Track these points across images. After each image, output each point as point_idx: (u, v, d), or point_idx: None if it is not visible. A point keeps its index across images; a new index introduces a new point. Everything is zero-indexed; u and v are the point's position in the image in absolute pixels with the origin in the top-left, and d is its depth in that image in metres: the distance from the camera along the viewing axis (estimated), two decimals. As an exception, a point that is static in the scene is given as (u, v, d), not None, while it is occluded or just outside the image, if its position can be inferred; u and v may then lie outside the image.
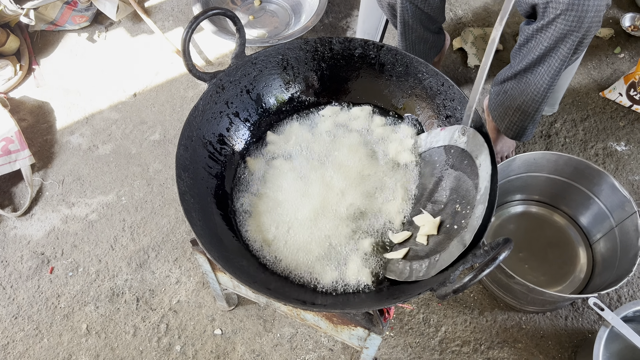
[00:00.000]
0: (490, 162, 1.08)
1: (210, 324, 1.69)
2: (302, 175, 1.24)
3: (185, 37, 1.10)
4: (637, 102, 2.12)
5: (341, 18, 2.49)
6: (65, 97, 2.23)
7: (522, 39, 1.58)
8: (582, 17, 1.41)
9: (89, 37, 2.42)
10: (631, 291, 1.76)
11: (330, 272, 1.12)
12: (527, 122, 1.72)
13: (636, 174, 1.99)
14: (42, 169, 2.02)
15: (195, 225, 1.02)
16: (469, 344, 1.66)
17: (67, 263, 1.80)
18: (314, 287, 1.11)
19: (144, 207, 1.93)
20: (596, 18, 1.42)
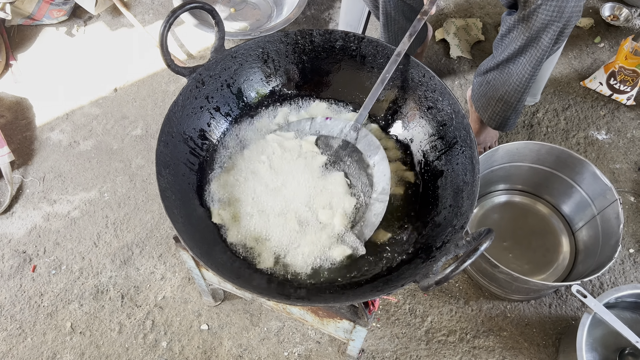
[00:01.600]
0: (387, 166, 1.18)
1: (197, 320, 1.68)
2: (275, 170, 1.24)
3: (162, 32, 1.08)
4: (617, 91, 2.14)
5: (323, 10, 2.48)
6: (45, 92, 2.19)
7: (504, 29, 1.59)
8: (562, 7, 1.42)
9: (68, 32, 2.38)
10: (613, 278, 1.78)
11: (313, 265, 1.12)
12: (510, 112, 1.73)
13: (617, 162, 2.01)
14: (22, 166, 1.99)
15: (177, 222, 1.01)
16: (455, 334, 1.67)
17: (50, 261, 1.78)
18: (298, 281, 1.11)
19: (127, 203, 1.91)
20: (577, 8, 1.43)
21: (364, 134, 1.23)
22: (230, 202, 1.20)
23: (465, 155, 1.13)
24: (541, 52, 1.53)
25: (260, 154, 1.25)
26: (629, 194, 1.94)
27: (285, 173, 1.22)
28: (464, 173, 1.12)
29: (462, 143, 1.15)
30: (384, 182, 1.18)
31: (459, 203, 1.10)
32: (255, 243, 1.15)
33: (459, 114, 1.15)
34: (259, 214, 1.18)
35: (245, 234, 1.16)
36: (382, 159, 1.20)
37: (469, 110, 2.02)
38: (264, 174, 1.22)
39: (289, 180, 1.21)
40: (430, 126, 1.24)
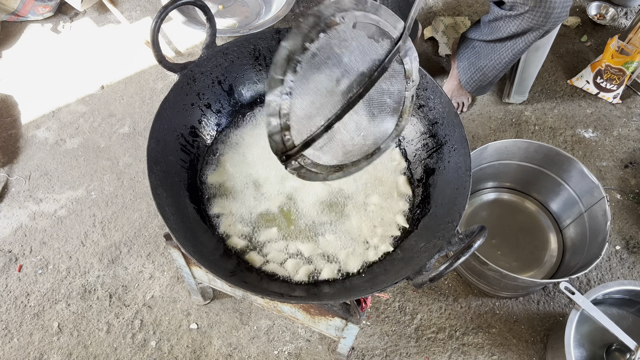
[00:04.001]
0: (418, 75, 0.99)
1: (186, 319, 1.67)
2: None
3: (154, 28, 1.07)
4: (603, 90, 2.16)
5: (312, 7, 2.47)
6: (30, 90, 2.16)
7: (491, 16, 1.68)
8: (548, 14, 1.46)
9: (53, 28, 2.34)
10: (600, 274, 1.80)
11: (305, 264, 1.12)
12: (486, 82, 1.89)
13: (603, 160, 2.04)
14: (7, 165, 1.96)
15: (168, 219, 1.00)
16: (444, 331, 1.68)
17: (36, 260, 1.76)
18: (290, 279, 1.11)
19: (115, 201, 1.89)
20: (563, 13, 1.47)
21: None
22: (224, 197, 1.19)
23: (457, 153, 1.13)
24: (524, 45, 1.66)
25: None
26: (615, 192, 1.97)
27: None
28: (456, 171, 1.12)
29: (454, 141, 1.15)
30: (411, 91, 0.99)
31: (451, 201, 1.10)
32: (248, 240, 1.15)
33: (451, 112, 1.15)
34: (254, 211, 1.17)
35: (239, 231, 1.16)
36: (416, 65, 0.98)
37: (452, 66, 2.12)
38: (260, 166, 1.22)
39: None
40: (421, 124, 1.25)
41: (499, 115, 2.14)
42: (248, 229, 1.16)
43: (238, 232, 1.15)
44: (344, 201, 1.20)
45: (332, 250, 1.14)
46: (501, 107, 2.16)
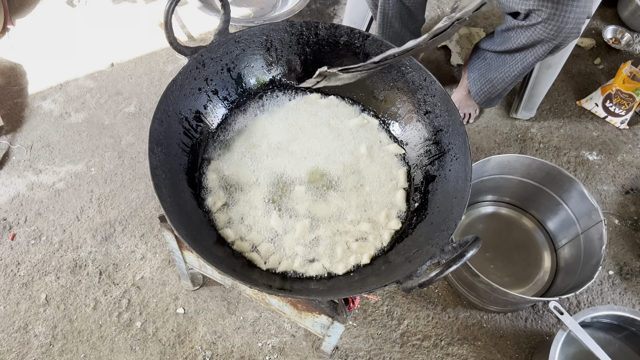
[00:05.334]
0: None
1: (173, 303, 1.67)
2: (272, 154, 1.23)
3: (168, 9, 1.07)
4: (612, 114, 2.15)
5: (329, 5, 2.47)
6: (40, 60, 2.16)
7: (504, 26, 1.67)
8: (560, 28, 1.46)
9: (69, 1, 2.34)
10: (590, 297, 1.80)
11: (298, 258, 1.12)
12: (495, 95, 1.89)
13: (605, 184, 2.03)
14: (10, 133, 1.96)
15: (164, 201, 1.00)
16: (430, 339, 1.68)
17: (30, 230, 1.76)
18: (282, 271, 1.11)
19: (114, 179, 1.89)
20: (575, 29, 1.47)
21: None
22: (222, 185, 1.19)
23: (459, 162, 1.13)
24: (534, 58, 1.65)
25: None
26: (614, 217, 1.96)
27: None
28: (456, 180, 1.12)
29: (457, 150, 1.15)
30: None
31: (448, 209, 1.10)
32: (244, 230, 1.14)
33: (457, 121, 1.15)
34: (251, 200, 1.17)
35: (235, 220, 1.15)
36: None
37: (462, 76, 2.12)
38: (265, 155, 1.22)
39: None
40: (426, 130, 1.24)
41: (504, 130, 2.13)
42: (243, 217, 1.16)
43: (232, 221, 1.15)
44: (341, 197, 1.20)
45: (325, 248, 1.13)
46: (508, 122, 2.16)
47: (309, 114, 1.30)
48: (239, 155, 1.23)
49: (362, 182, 1.22)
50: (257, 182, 1.20)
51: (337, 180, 1.21)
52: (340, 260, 1.12)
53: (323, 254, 1.13)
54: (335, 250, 1.13)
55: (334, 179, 1.21)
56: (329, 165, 1.23)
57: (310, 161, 1.23)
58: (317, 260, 1.12)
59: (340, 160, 1.24)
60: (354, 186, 1.21)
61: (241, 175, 1.20)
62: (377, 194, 1.21)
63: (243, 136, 1.26)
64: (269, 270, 1.11)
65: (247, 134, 1.26)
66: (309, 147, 1.25)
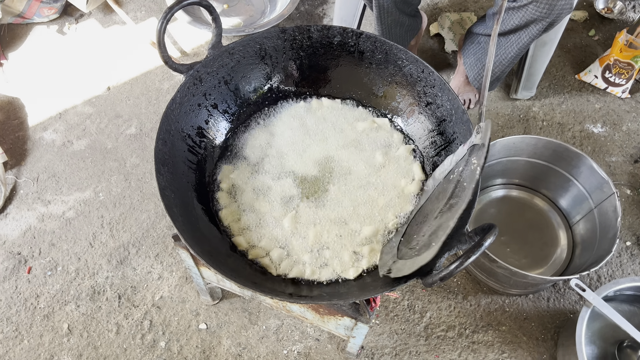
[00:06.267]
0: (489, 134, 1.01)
1: (195, 319, 1.67)
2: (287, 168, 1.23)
3: (160, 28, 1.07)
4: (612, 84, 2.14)
5: (317, 5, 2.46)
6: (37, 92, 2.17)
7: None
8: (553, 5, 1.45)
9: (59, 30, 2.35)
10: (610, 271, 1.79)
11: (313, 265, 1.12)
12: (492, 78, 1.88)
13: (613, 156, 2.02)
14: (15, 167, 1.96)
15: (176, 221, 1.00)
16: (454, 329, 1.67)
17: (45, 262, 1.76)
18: (300, 279, 1.10)
19: (123, 202, 1.89)
20: (567, 5, 1.46)
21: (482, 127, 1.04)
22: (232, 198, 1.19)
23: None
24: (529, 39, 1.63)
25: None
26: (625, 187, 1.95)
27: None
28: (465, 168, 1.11)
29: (462, 139, 1.14)
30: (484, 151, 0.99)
31: (460, 198, 1.09)
32: (257, 241, 1.14)
33: (459, 110, 1.14)
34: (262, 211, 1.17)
35: (248, 228, 1.15)
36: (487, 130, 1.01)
37: (458, 62, 2.11)
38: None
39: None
40: (429, 122, 1.24)
41: (506, 112, 2.12)
42: (255, 226, 1.16)
43: (245, 229, 1.15)
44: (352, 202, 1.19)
45: (337, 251, 1.13)
46: (509, 103, 2.15)
47: (314, 119, 1.30)
48: (246, 165, 1.23)
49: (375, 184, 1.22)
50: (267, 190, 1.20)
51: (349, 184, 1.21)
52: (358, 261, 1.12)
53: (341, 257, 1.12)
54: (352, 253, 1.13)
55: (346, 183, 1.21)
56: (341, 169, 1.23)
57: (320, 166, 1.23)
58: (327, 265, 1.12)
59: (353, 164, 1.24)
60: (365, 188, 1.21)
61: (250, 184, 1.20)
62: (388, 194, 1.21)
63: (248, 146, 1.26)
64: (288, 278, 1.11)
65: (251, 143, 1.26)
66: (317, 153, 1.25)
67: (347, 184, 1.21)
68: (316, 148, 1.25)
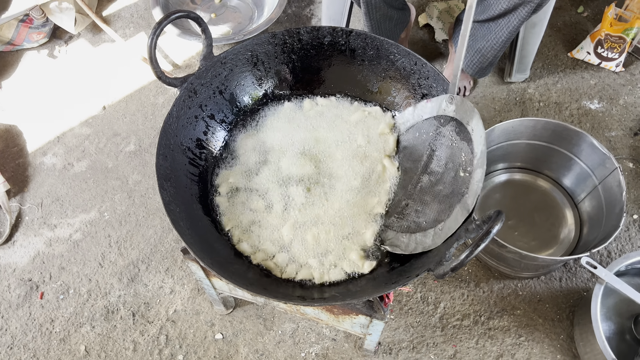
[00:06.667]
0: (482, 127, 1.07)
1: (210, 330, 1.67)
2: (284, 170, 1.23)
3: (150, 45, 1.07)
4: (605, 59, 2.14)
5: (304, 6, 2.46)
6: (33, 117, 2.17)
7: None
8: None
9: (50, 54, 2.36)
10: (620, 245, 1.79)
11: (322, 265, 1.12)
12: (485, 64, 1.87)
13: (612, 130, 2.02)
14: (18, 194, 1.97)
15: (184, 234, 1.00)
16: (469, 317, 1.67)
17: (57, 286, 1.77)
18: (312, 282, 1.11)
19: (128, 220, 1.89)
20: None
21: (459, 101, 1.13)
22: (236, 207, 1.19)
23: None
24: (518, 21, 1.63)
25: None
26: (627, 161, 1.95)
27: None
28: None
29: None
30: (482, 144, 1.06)
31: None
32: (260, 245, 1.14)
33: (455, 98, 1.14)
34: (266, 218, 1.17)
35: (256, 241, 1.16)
36: (478, 121, 1.09)
37: (449, 51, 2.12)
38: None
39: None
40: (426, 113, 1.24)
41: (502, 96, 2.12)
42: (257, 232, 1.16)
43: (247, 235, 1.15)
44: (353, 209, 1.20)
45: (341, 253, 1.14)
46: (504, 87, 2.15)
47: (311, 119, 1.30)
48: (243, 170, 1.23)
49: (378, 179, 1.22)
50: (265, 193, 1.20)
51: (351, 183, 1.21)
52: (361, 260, 1.12)
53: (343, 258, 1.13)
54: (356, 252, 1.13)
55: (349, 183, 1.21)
56: (342, 168, 1.23)
57: (319, 166, 1.23)
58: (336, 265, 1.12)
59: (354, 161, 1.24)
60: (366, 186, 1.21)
61: (247, 188, 1.21)
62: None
63: (247, 153, 1.26)
64: (297, 281, 1.11)
65: (251, 150, 1.26)
66: (316, 152, 1.25)
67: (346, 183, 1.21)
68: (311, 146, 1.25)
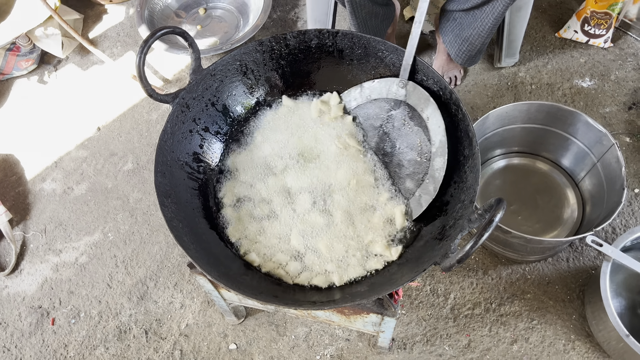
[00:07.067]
0: (440, 117, 1.13)
1: (224, 341, 1.68)
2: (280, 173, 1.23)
3: (139, 63, 1.07)
4: (593, 36, 2.14)
5: (289, 10, 2.47)
6: (29, 144, 2.17)
7: None
8: None
9: (40, 79, 2.36)
10: (624, 221, 1.79)
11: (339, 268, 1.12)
12: (474, 52, 1.87)
13: (606, 107, 2.02)
14: (21, 222, 1.97)
15: (189, 249, 1.01)
16: (480, 305, 1.68)
17: (67, 311, 1.77)
18: (317, 286, 1.11)
19: (132, 238, 1.90)
20: None
21: (411, 88, 1.18)
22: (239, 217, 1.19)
23: (460, 129, 1.12)
24: (503, 6, 1.63)
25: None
26: (623, 135, 1.95)
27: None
28: (462, 147, 1.12)
29: (454, 118, 1.14)
30: (440, 134, 1.13)
31: (463, 178, 1.09)
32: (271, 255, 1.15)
33: (446, 90, 1.14)
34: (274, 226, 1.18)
35: (262, 248, 1.16)
36: (434, 110, 1.14)
37: (437, 41, 2.12)
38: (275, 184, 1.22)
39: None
40: (419, 107, 1.24)
41: (493, 82, 2.13)
42: (265, 240, 1.16)
43: (255, 245, 1.16)
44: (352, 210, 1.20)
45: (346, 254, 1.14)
46: (494, 73, 2.15)
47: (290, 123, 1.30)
48: (244, 179, 1.23)
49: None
50: (269, 201, 1.20)
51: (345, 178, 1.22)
52: (367, 261, 1.13)
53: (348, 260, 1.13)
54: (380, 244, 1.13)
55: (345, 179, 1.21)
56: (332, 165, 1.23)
57: (314, 170, 1.23)
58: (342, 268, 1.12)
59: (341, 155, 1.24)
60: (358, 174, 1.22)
61: (251, 197, 1.21)
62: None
63: (246, 163, 1.26)
64: (306, 286, 1.11)
65: (249, 159, 1.27)
66: (307, 155, 1.25)
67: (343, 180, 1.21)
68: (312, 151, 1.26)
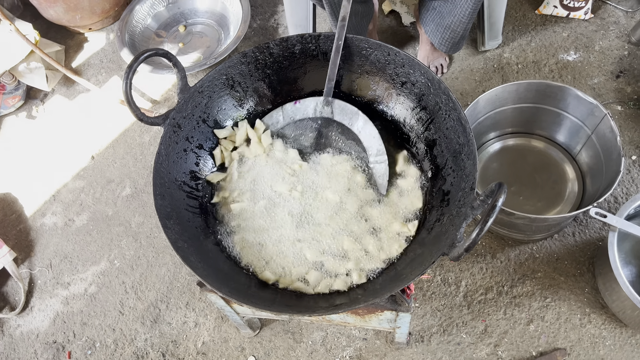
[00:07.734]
0: (372, 127, 1.20)
1: (242, 354, 1.67)
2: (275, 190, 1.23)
3: (125, 89, 1.07)
4: (572, 9, 2.15)
5: (268, 17, 2.47)
6: (25, 181, 2.17)
7: None
8: None
9: (28, 115, 2.36)
10: (625, 189, 1.79)
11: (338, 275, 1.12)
12: (457, 38, 1.88)
13: (594, 78, 2.02)
14: (26, 260, 1.97)
15: (196, 268, 1.00)
16: (492, 289, 1.68)
17: (83, 343, 1.77)
18: (329, 290, 1.11)
19: (139, 263, 1.89)
20: None
21: (337, 105, 1.25)
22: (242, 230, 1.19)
23: (452, 118, 1.13)
24: None
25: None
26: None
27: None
28: (457, 135, 1.12)
29: (445, 107, 1.14)
30: (376, 143, 1.21)
31: (461, 166, 1.09)
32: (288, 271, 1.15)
33: (434, 81, 1.15)
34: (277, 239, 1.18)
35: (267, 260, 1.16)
36: (365, 123, 1.22)
37: (419, 32, 2.12)
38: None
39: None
40: (409, 100, 1.24)
41: (479, 66, 2.13)
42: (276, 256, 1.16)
43: (268, 263, 1.16)
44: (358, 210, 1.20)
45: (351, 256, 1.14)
46: (480, 57, 2.15)
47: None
48: (245, 195, 1.23)
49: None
50: (274, 215, 1.20)
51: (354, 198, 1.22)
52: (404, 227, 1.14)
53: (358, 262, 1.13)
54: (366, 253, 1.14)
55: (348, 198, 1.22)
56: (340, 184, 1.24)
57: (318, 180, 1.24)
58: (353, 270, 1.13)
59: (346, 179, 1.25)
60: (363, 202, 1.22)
61: (257, 215, 1.21)
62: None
63: (244, 175, 1.26)
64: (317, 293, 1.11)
65: (246, 172, 1.27)
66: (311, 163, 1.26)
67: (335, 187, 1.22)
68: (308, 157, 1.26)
